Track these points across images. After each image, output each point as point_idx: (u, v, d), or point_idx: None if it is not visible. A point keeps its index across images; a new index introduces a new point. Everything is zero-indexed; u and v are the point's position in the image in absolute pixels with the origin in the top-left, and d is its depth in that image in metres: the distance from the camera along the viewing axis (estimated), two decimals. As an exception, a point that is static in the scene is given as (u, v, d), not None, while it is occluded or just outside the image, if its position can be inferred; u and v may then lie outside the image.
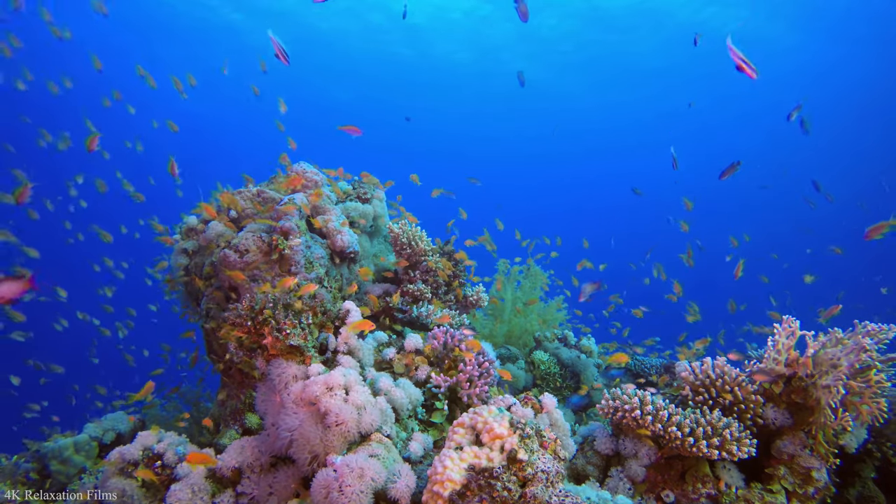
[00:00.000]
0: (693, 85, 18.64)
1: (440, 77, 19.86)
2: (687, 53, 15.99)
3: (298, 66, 18.91)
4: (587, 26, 15.57)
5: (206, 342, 2.85)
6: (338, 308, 2.19)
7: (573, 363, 3.30)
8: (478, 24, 16.03)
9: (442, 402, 2.04)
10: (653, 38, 15.95)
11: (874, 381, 1.76)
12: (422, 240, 2.87)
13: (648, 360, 3.25)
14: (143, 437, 1.93)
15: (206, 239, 2.93)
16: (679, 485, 1.82)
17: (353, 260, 3.02)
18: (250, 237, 2.65)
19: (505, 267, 3.94)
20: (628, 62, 17.57)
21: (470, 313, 3.13)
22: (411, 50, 18.00)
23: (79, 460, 2.67)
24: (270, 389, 1.88)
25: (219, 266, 2.64)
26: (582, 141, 25.28)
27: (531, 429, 1.40)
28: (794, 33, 14.98)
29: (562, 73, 18.56)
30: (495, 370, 2.17)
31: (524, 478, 1.30)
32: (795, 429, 1.86)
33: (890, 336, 1.83)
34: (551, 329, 3.66)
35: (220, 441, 2.19)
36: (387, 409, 1.78)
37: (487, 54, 17.67)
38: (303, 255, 2.63)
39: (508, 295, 3.80)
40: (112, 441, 2.84)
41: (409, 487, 1.50)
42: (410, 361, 2.20)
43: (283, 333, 1.87)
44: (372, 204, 3.35)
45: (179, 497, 1.69)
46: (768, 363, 1.91)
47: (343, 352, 2.02)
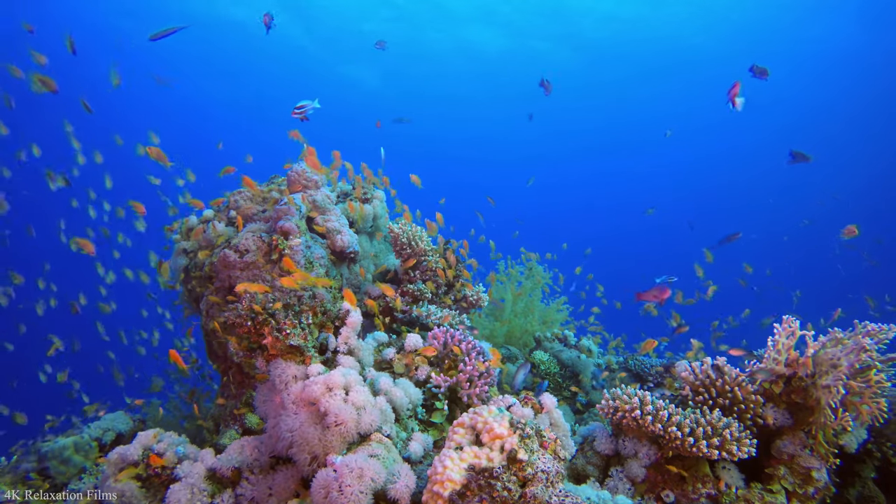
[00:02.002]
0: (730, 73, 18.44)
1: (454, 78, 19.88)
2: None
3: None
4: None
5: (206, 342, 2.85)
6: (338, 308, 2.19)
7: (573, 363, 3.30)
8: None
9: (442, 402, 2.04)
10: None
11: (874, 381, 1.76)
12: (422, 240, 2.87)
13: (648, 360, 3.25)
14: (143, 437, 1.93)
15: (206, 239, 2.93)
16: (679, 485, 1.82)
17: (353, 260, 3.02)
18: (250, 237, 2.65)
19: (503, 269, 3.95)
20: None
21: (471, 313, 3.13)
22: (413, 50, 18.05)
23: (79, 460, 2.67)
24: (270, 390, 1.88)
25: (219, 266, 2.64)
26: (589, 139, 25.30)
27: (531, 429, 1.39)
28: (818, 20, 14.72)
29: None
30: (495, 370, 2.17)
31: (524, 478, 1.30)
32: (795, 429, 1.86)
33: (890, 336, 1.83)
34: (551, 329, 3.66)
35: (220, 441, 2.19)
36: (387, 409, 1.78)
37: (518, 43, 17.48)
38: (303, 255, 2.63)
39: (509, 295, 3.80)
40: (112, 441, 2.84)
41: (408, 487, 1.50)
42: (410, 361, 2.20)
43: (283, 333, 1.87)
44: (372, 204, 3.35)
45: (179, 497, 1.69)
46: (768, 363, 1.91)
47: (343, 352, 2.02)
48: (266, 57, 18.67)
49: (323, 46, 18.00)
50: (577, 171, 28.90)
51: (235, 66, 19.63)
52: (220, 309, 2.67)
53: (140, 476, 1.85)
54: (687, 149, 25.05)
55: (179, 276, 3.05)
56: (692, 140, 24.12)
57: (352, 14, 16.13)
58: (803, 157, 3.34)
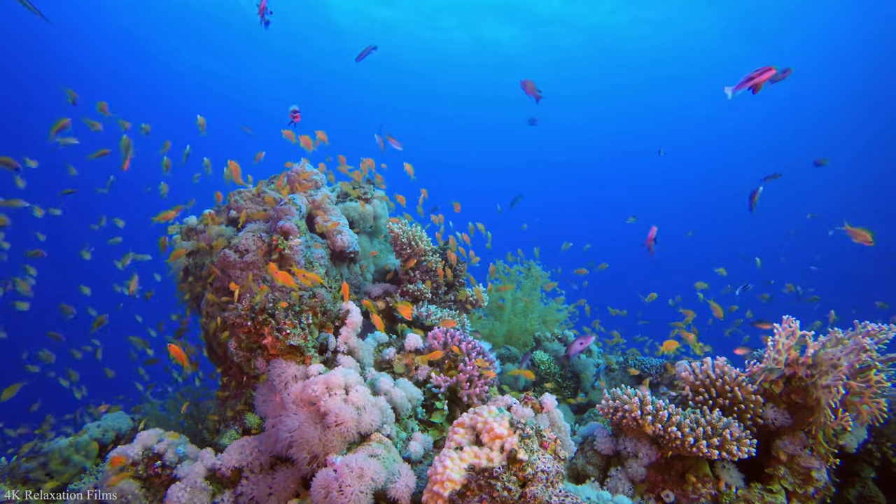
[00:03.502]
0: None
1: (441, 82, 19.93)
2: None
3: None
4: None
5: (206, 342, 2.85)
6: (338, 308, 2.19)
7: (573, 363, 3.30)
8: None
9: (442, 402, 2.04)
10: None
11: (874, 381, 1.76)
12: (422, 240, 2.87)
13: (648, 360, 3.25)
14: (143, 437, 1.93)
15: (206, 239, 2.93)
16: (679, 485, 1.82)
17: (353, 260, 3.02)
18: (250, 237, 2.65)
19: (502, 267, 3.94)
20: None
21: (471, 313, 3.13)
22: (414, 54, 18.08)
23: (79, 460, 2.67)
24: (270, 389, 1.88)
25: (219, 266, 2.64)
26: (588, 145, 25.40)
27: (531, 429, 1.39)
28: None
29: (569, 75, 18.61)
30: (495, 370, 2.17)
31: (524, 478, 1.30)
32: (795, 429, 1.86)
33: (890, 336, 1.83)
34: (551, 329, 3.66)
35: (220, 441, 2.19)
36: (387, 409, 1.78)
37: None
38: (303, 255, 2.63)
39: (509, 295, 3.80)
40: (112, 441, 2.84)
41: (408, 487, 1.50)
42: (410, 361, 2.20)
43: (283, 333, 1.87)
44: (372, 204, 3.35)
45: (179, 497, 1.69)
46: (768, 363, 1.91)
47: (343, 352, 2.02)
48: (268, 51, 18.65)
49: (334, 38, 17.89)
50: (577, 174, 29.03)
51: (234, 64, 19.62)
52: (220, 309, 2.67)
53: (140, 476, 1.85)
54: (694, 153, 25.18)
55: (179, 276, 3.05)
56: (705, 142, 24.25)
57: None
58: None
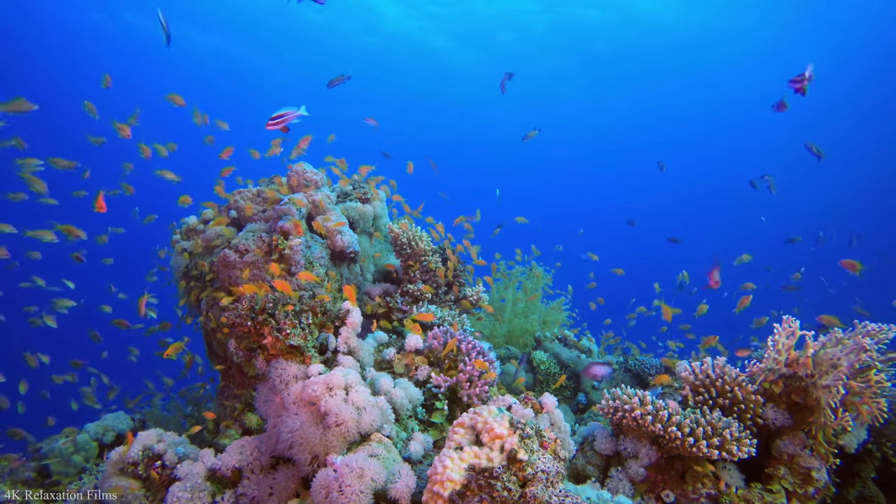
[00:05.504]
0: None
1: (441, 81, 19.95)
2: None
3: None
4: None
5: (206, 342, 2.85)
6: (338, 308, 2.19)
7: (573, 363, 3.30)
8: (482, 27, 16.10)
9: (442, 402, 2.04)
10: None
11: (874, 381, 1.76)
12: (422, 240, 2.87)
13: (648, 360, 3.25)
14: (144, 437, 1.93)
15: (206, 239, 2.93)
16: (679, 485, 1.82)
17: (353, 260, 3.02)
18: (250, 237, 2.65)
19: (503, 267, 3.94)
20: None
21: (471, 313, 3.13)
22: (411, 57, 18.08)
23: (79, 460, 2.67)
24: (270, 390, 1.88)
25: (219, 266, 2.64)
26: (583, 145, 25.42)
27: (531, 429, 1.39)
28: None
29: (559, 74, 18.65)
30: (495, 370, 2.17)
31: (524, 478, 1.30)
32: (795, 429, 1.86)
33: (890, 336, 1.83)
34: (551, 329, 3.66)
35: (220, 441, 2.19)
36: (387, 409, 1.78)
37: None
38: (303, 255, 2.63)
39: (509, 295, 3.80)
40: (112, 441, 2.84)
41: (409, 487, 1.50)
42: (410, 361, 2.20)
43: (283, 333, 1.87)
44: (372, 204, 3.35)
45: (179, 497, 1.69)
46: (768, 363, 1.91)
47: (343, 352, 2.02)
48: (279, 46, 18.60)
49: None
50: (575, 175, 29.07)
51: (238, 61, 19.58)
52: (220, 309, 2.67)
53: (140, 476, 1.85)
54: (691, 153, 25.17)
55: (179, 276, 3.05)
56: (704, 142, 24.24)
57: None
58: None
